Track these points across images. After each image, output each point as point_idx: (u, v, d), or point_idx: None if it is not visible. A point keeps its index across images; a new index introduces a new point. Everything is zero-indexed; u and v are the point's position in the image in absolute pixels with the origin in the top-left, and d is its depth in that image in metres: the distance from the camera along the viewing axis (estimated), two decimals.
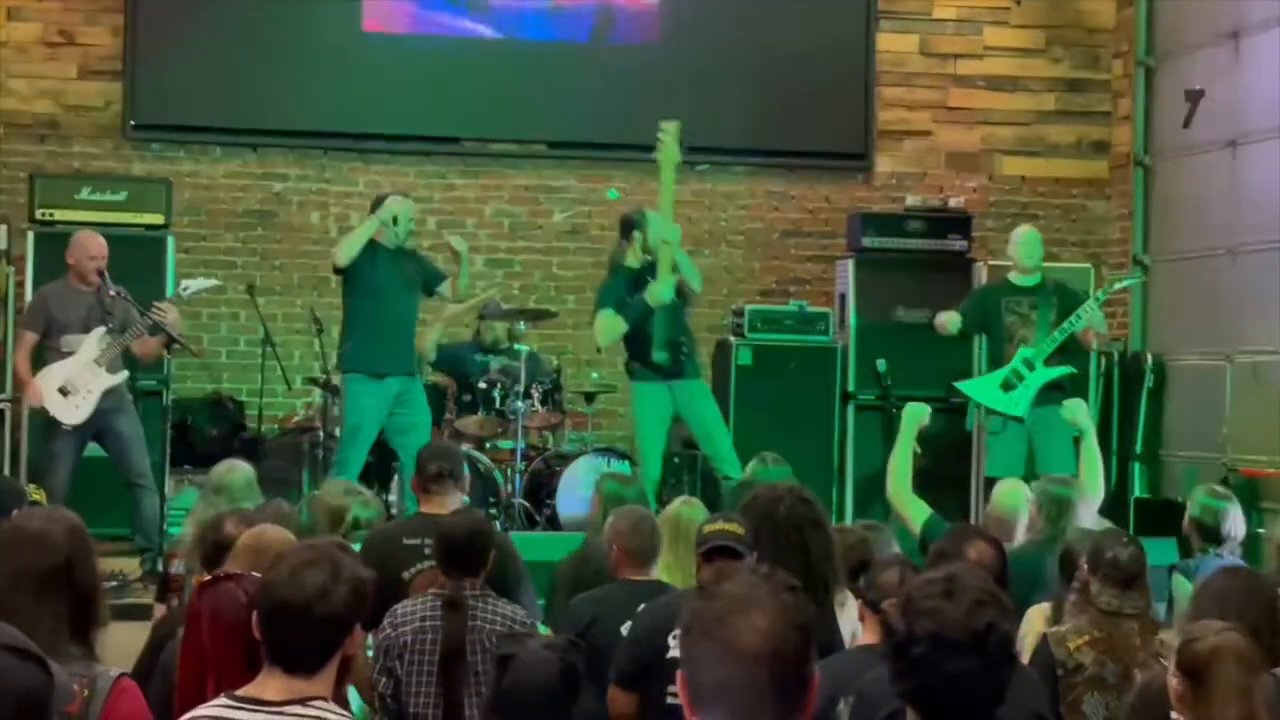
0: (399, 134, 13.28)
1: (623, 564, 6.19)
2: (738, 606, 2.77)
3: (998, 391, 10.77)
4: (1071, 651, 5.54)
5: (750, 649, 2.74)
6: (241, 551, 4.99)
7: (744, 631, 2.75)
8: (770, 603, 2.78)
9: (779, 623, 2.76)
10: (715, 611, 2.78)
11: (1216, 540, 7.59)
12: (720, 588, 2.83)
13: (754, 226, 13.70)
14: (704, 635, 2.78)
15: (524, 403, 11.16)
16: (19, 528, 4.39)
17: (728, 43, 13.41)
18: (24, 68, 12.81)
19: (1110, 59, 14.02)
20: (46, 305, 10.35)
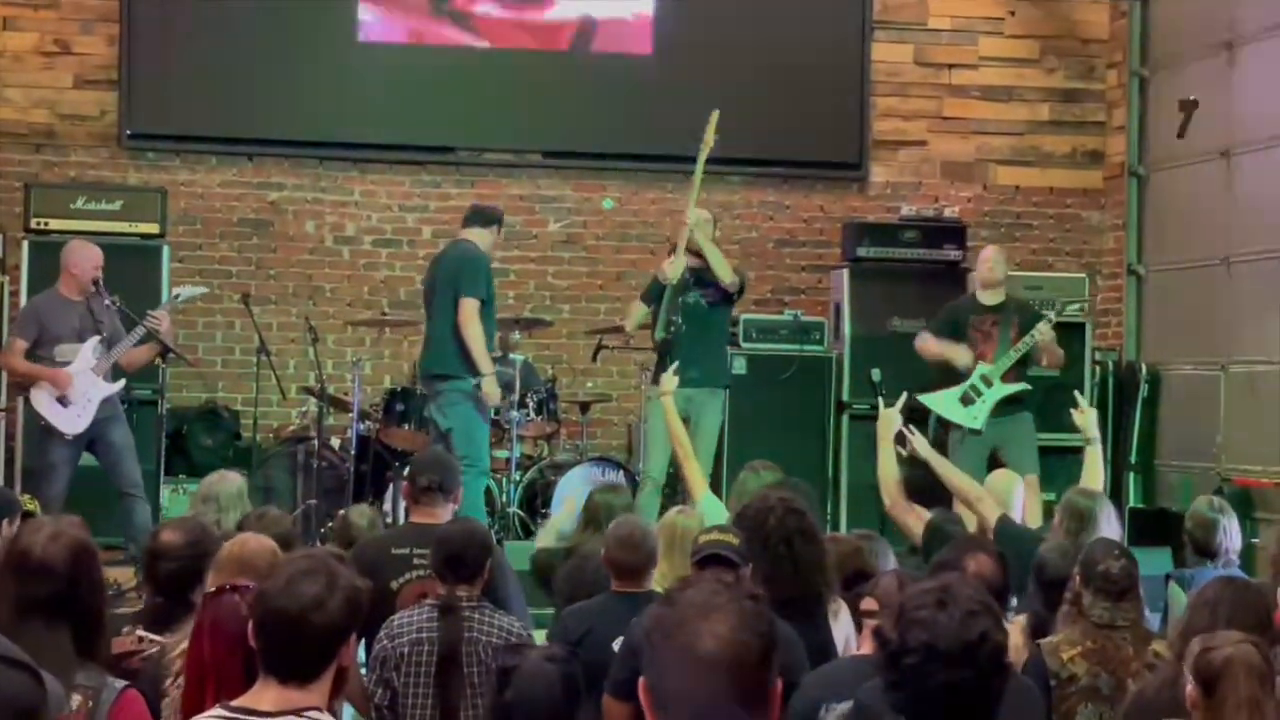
0: (394, 143, 13.29)
1: (615, 575, 6.17)
2: (698, 612, 2.77)
3: (957, 405, 10.95)
4: (1065, 662, 5.55)
5: (710, 655, 2.73)
6: (225, 562, 4.99)
7: (704, 637, 2.74)
8: (731, 609, 2.78)
9: (739, 629, 2.76)
10: (675, 617, 2.78)
11: (1211, 553, 7.60)
12: (682, 594, 2.83)
13: (749, 236, 13.71)
14: (664, 640, 2.77)
15: (519, 412, 11.16)
16: (23, 553, 4.39)
17: (723, 52, 13.41)
18: (20, 77, 12.82)
19: (1104, 69, 14.04)
20: (38, 315, 10.35)
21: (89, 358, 10.17)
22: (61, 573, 4.30)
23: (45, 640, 4.17)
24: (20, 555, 4.39)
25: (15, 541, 4.54)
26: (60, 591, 4.27)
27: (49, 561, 4.31)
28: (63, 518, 4.61)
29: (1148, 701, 4.98)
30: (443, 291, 10.33)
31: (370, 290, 13.18)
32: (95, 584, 4.41)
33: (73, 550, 4.36)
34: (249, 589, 4.21)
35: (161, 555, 5.52)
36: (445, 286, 10.33)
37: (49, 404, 10.11)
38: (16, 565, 4.37)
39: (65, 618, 4.25)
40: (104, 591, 4.54)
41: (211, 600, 4.51)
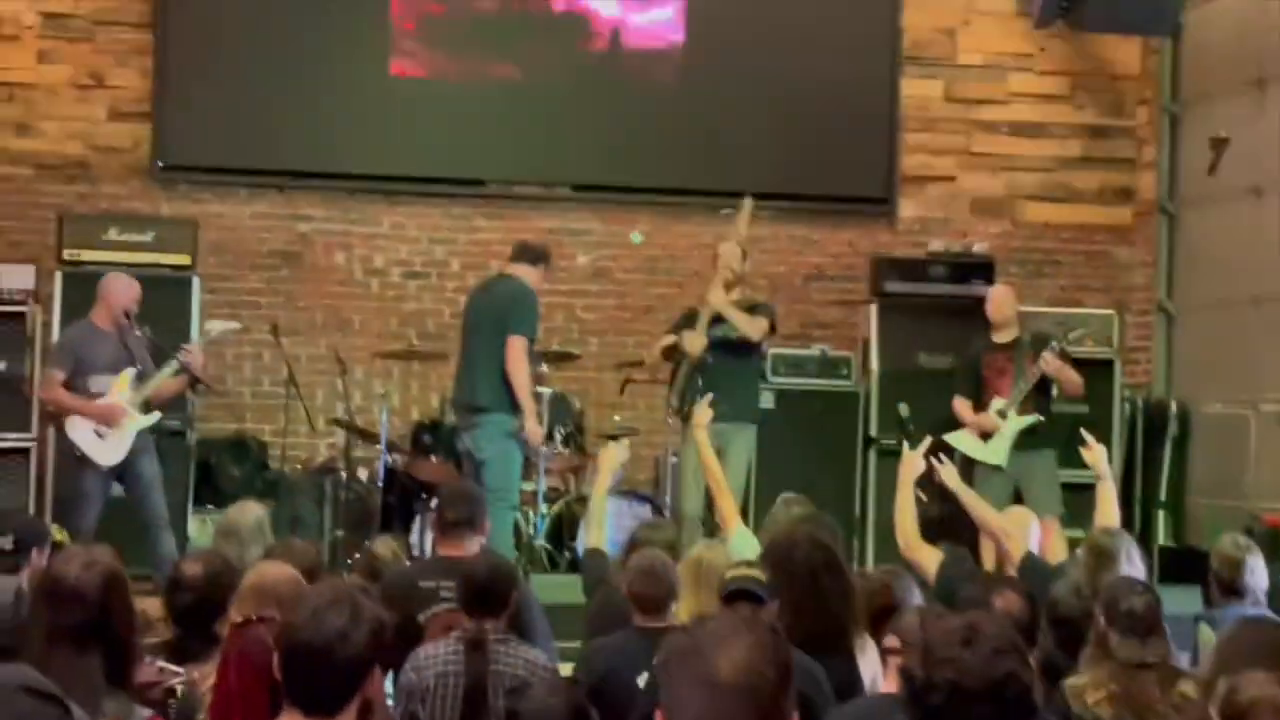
0: (424, 176, 13.32)
1: (638, 609, 6.14)
2: (715, 640, 2.77)
3: (978, 442, 10.94)
4: (1089, 705, 5.50)
5: (727, 681, 2.73)
6: (246, 592, 5.00)
7: (721, 664, 2.74)
8: (749, 638, 2.78)
9: (757, 657, 2.75)
10: (693, 644, 2.78)
11: (1238, 592, 7.55)
12: (701, 624, 2.83)
13: (777, 270, 13.71)
14: (682, 667, 2.77)
15: (546, 445, 11.17)
16: (56, 580, 4.42)
17: (752, 86, 13.44)
18: (54, 110, 12.89)
19: (1135, 105, 14.03)
20: (74, 347, 10.37)
21: (126, 390, 10.20)
22: (94, 600, 4.32)
23: (76, 667, 4.19)
24: (53, 582, 4.42)
25: (48, 569, 4.58)
26: (92, 619, 4.29)
27: (82, 588, 4.34)
28: (95, 547, 4.64)
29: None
30: (490, 325, 10.23)
31: (399, 323, 13.21)
32: (127, 613, 4.43)
33: (105, 578, 4.39)
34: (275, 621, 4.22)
35: (181, 587, 5.53)
36: (493, 320, 10.23)
37: (85, 434, 10.14)
38: (49, 592, 4.40)
39: (96, 645, 4.28)
40: (135, 621, 4.56)
41: (237, 632, 4.52)
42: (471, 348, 10.34)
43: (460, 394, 10.40)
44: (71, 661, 4.22)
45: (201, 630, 5.47)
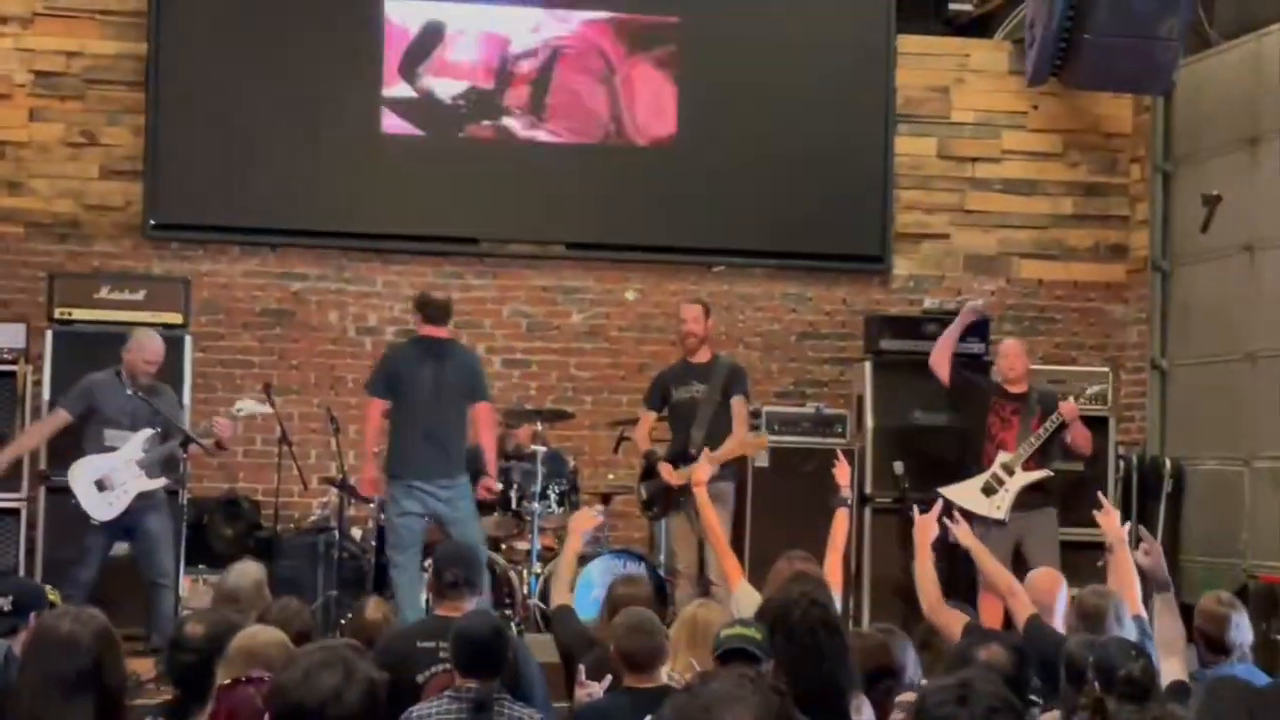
0: (417, 234, 13.32)
1: (628, 668, 6.10)
2: (720, 703, 2.75)
3: (979, 496, 10.96)
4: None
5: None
6: (235, 655, 4.96)
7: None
8: (753, 700, 2.75)
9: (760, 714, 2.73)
10: (697, 708, 2.76)
11: (1224, 650, 7.50)
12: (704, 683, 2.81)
13: (771, 328, 13.72)
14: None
15: (540, 503, 11.15)
16: (50, 629, 4.42)
17: (745, 144, 13.46)
18: (46, 168, 12.89)
19: (1127, 163, 14.07)
20: (92, 394, 10.36)
21: (137, 449, 10.19)
22: (86, 649, 4.32)
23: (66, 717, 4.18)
24: (46, 632, 4.43)
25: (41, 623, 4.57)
26: (85, 669, 4.29)
27: (75, 638, 4.34)
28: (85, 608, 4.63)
29: None
30: (458, 393, 10.51)
31: None
32: (118, 667, 4.43)
33: (97, 632, 4.40)
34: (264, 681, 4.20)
35: (182, 647, 5.50)
36: (461, 389, 10.53)
37: (85, 486, 10.12)
38: (42, 643, 4.40)
39: (86, 696, 4.26)
40: (125, 677, 4.55)
41: (226, 692, 4.50)
42: (440, 415, 10.45)
43: (435, 461, 10.42)
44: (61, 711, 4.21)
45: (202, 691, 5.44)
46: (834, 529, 8.48)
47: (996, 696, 3.37)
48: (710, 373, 11.12)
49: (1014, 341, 11.79)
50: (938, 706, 3.36)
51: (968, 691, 3.36)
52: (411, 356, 10.60)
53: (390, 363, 10.70)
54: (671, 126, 13.54)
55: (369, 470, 10.65)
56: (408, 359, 10.58)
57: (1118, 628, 7.12)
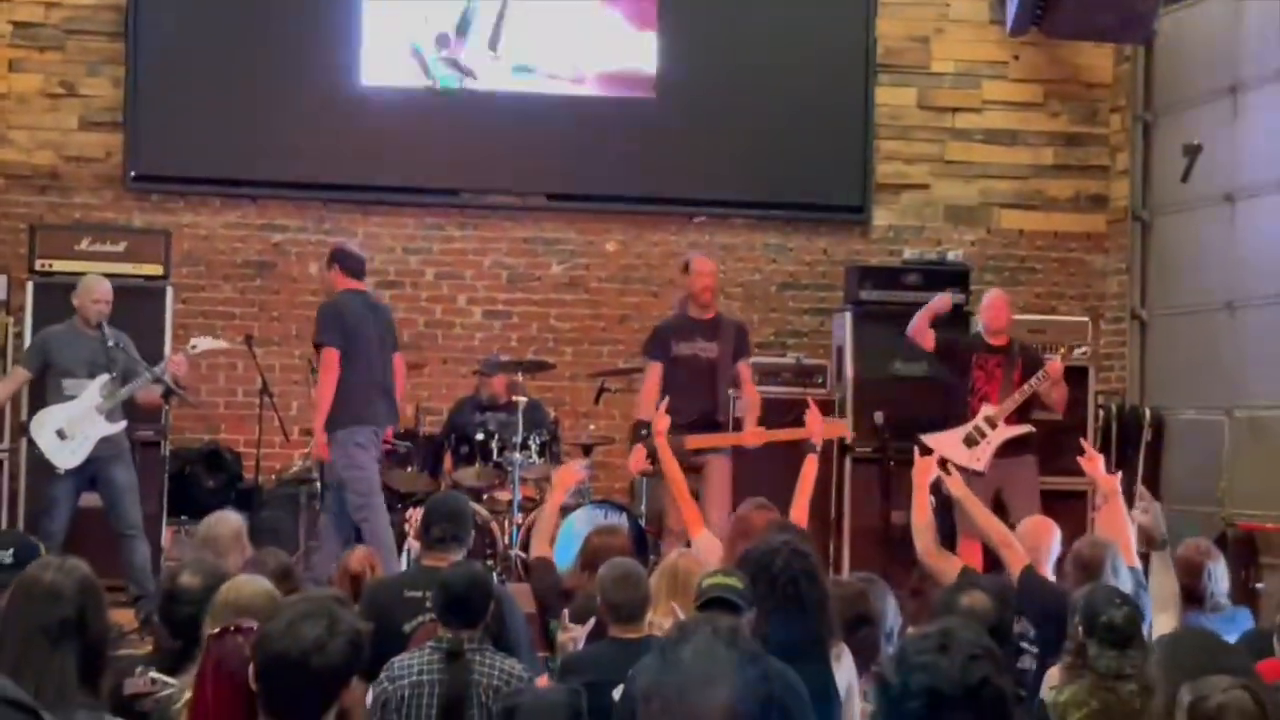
0: (398, 186, 13.30)
1: (613, 619, 6.12)
2: (699, 682, 2.76)
3: (961, 446, 10.98)
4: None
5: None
6: (220, 607, 4.98)
7: (707, 711, 2.74)
8: (731, 676, 2.78)
9: (741, 699, 2.76)
10: (676, 686, 2.78)
11: (1198, 598, 7.54)
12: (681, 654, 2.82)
13: (752, 279, 13.72)
14: (664, 712, 2.78)
15: (521, 454, 11.16)
16: (33, 580, 4.44)
17: (726, 95, 13.45)
18: (26, 119, 12.85)
19: (1108, 113, 14.07)
20: (47, 346, 10.36)
21: (95, 395, 10.18)
22: (70, 598, 4.34)
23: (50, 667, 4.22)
24: (30, 582, 4.44)
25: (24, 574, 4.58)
26: (68, 618, 4.30)
27: (58, 587, 4.36)
28: (68, 558, 4.65)
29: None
30: (387, 344, 10.63)
31: None
32: (101, 618, 4.44)
33: (81, 582, 4.41)
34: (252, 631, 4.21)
35: (178, 599, 5.52)
36: (389, 339, 10.67)
37: (48, 436, 10.12)
38: (26, 592, 4.42)
39: (71, 647, 4.28)
40: (109, 627, 4.57)
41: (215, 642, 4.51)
42: (384, 365, 10.59)
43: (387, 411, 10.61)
44: (45, 660, 4.23)
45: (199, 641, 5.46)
46: (802, 475, 8.56)
47: (977, 645, 3.39)
48: (718, 330, 10.85)
49: (998, 292, 11.78)
50: (918, 655, 3.38)
51: (948, 640, 3.38)
52: (355, 309, 10.60)
53: (340, 315, 10.66)
54: (652, 77, 13.51)
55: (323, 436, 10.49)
56: (353, 311, 10.55)
57: (1114, 578, 7.16)
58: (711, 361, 10.72)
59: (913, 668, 3.35)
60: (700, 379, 10.72)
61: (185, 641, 5.45)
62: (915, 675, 3.34)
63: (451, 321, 13.35)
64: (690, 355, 10.74)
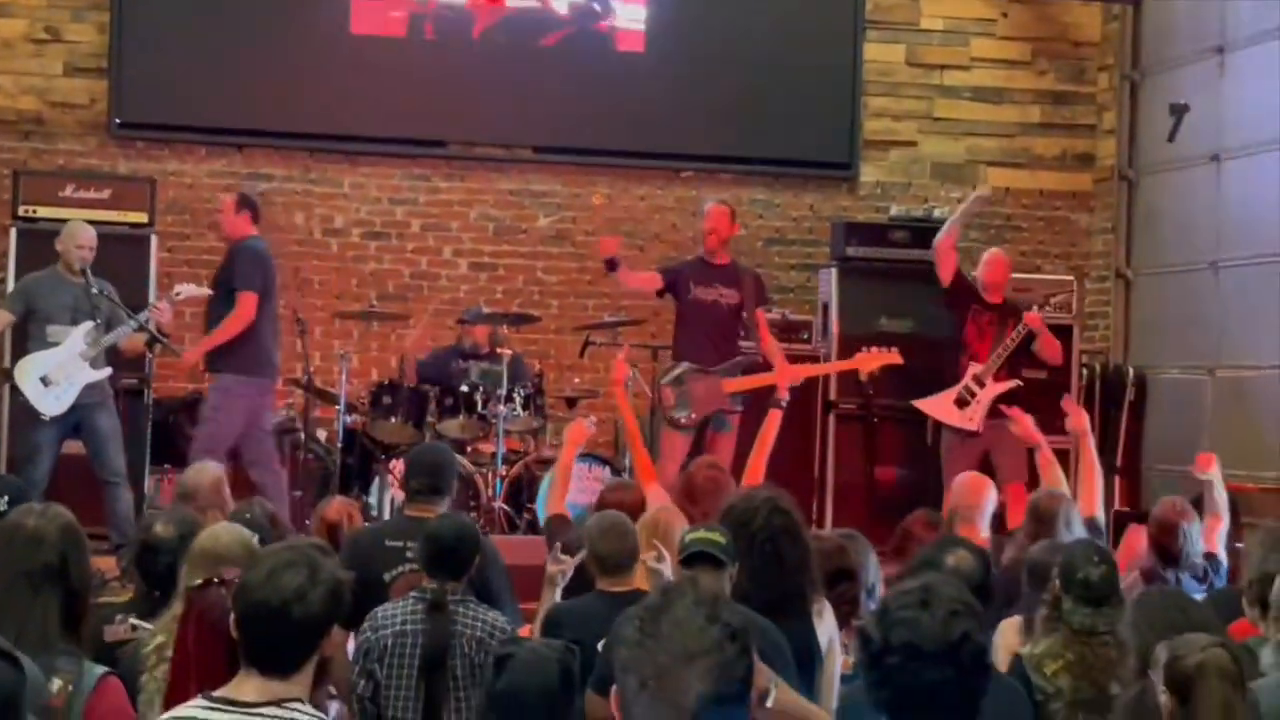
0: (384, 136, 13.27)
1: (600, 572, 6.13)
2: (677, 661, 2.77)
3: (952, 408, 11.00)
4: (1048, 677, 5.52)
5: (688, 707, 2.76)
6: (197, 556, 4.98)
7: (685, 692, 2.76)
8: (711, 658, 2.78)
9: (719, 680, 2.77)
10: (654, 666, 2.78)
11: (1174, 559, 7.56)
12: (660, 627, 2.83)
13: (738, 234, 13.67)
14: (641, 687, 2.79)
15: (505, 407, 11.16)
16: (16, 525, 4.45)
17: (714, 50, 13.42)
18: (9, 64, 12.79)
19: (1095, 72, 14.05)
20: (30, 291, 10.34)
21: (79, 342, 10.16)
22: (52, 544, 4.35)
23: (33, 612, 4.23)
24: (11, 528, 4.45)
25: (5, 519, 4.59)
26: (51, 564, 4.32)
27: (41, 533, 4.37)
28: (51, 505, 4.66)
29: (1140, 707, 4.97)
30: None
31: (358, 283, 13.17)
32: (83, 565, 4.46)
33: (63, 528, 4.43)
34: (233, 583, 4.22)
35: (155, 549, 5.53)
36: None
37: (31, 383, 10.11)
38: (7, 538, 4.43)
39: (53, 592, 4.29)
40: (90, 575, 4.59)
41: (198, 594, 4.52)
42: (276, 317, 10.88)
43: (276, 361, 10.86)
44: (27, 606, 4.24)
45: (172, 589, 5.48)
46: (763, 428, 8.61)
47: (958, 600, 3.40)
48: (738, 278, 10.85)
49: (1000, 250, 11.83)
50: (900, 610, 3.39)
51: (929, 595, 3.38)
52: (268, 256, 10.71)
53: (264, 261, 10.73)
54: (641, 31, 13.47)
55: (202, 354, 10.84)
56: (270, 259, 10.68)
57: (1066, 531, 7.20)
58: (734, 308, 10.77)
59: (893, 623, 3.36)
60: (723, 325, 10.78)
61: (161, 591, 5.46)
62: (896, 630, 3.35)
63: (437, 273, 13.33)
64: (710, 301, 10.78)
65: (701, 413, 10.58)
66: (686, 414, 10.58)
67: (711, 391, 10.53)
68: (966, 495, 8.02)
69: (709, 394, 10.53)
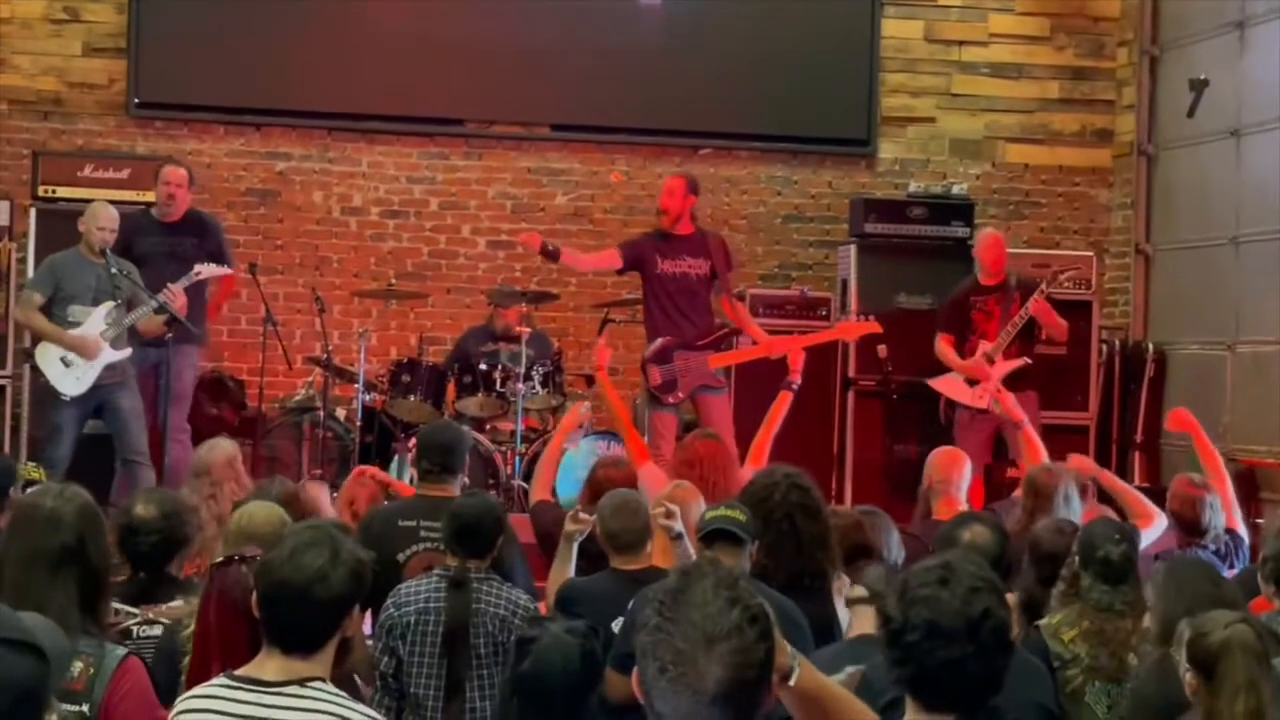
0: (402, 115, 13.27)
1: (614, 550, 6.12)
2: (697, 646, 2.77)
3: (964, 386, 11.00)
4: (1066, 644, 5.54)
5: (708, 692, 2.76)
6: (233, 535, 4.98)
7: (704, 678, 2.75)
8: (731, 642, 2.78)
9: (739, 665, 2.77)
10: (673, 651, 2.78)
11: (1199, 531, 7.55)
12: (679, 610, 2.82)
13: (757, 211, 13.70)
14: (661, 674, 2.79)
15: (524, 385, 11.17)
16: (33, 506, 4.44)
17: (732, 27, 13.40)
18: (28, 44, 12.80)
19: (1115, 47, 14.01)
20: (55, 271, 10.34)
21: (100, 322, 10.17)
22: (71, 524, 4.34)
23: (53, 593, 4.22)
24: (30, 508, 4.45)
25: (24, 499, 4.59)
26: (69, 545, 4.31)
27: (59, 513, 4.36)
28: (69, 485, 4.65)
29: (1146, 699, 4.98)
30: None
31: (377, 261, 13.18)
32: (101, 545, 4.45)
33: (81, 509, 4.42)
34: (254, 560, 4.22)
35: (137, 530, 5.50)
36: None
37: (53, 363, 10.12)
38: (26, 518, 4.42)
39: (72, 574, 4.29)
40: (108, 556, 4.57)
41: (219, 571, 4.53)
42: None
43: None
44: (46, 587, 4.23)
45: (160, 572, 5.47)
46: (772, 408, 8.62)
47: (979, 577, 3.40)
48: (705, 246, 10.62)
49: (992, 231, 11.77)
50: (920, 588, 3.39)
51: (949, 573, 3.39)
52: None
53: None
54: (659, 8, 13.45)
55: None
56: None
57: (1065, 506, 7.20)
58: (704, 278, 10.55)
59: (914, 600, 3.37)
60: (694, 298, 10.56)
61: (146, 572, 5.44)
62: (916, 608, 3.36)
63: (455, 251, 13.33)
64: (679, 274, 10.55)
65: (687, 390, 10.43)
66: (674, 393, 10.43)
67: (697, 367, 10.46)
68: (942, 469, 8.05)
69: (694, 370, 10.44)
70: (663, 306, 10.52)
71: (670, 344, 10.43)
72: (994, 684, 3.39)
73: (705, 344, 10.46)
